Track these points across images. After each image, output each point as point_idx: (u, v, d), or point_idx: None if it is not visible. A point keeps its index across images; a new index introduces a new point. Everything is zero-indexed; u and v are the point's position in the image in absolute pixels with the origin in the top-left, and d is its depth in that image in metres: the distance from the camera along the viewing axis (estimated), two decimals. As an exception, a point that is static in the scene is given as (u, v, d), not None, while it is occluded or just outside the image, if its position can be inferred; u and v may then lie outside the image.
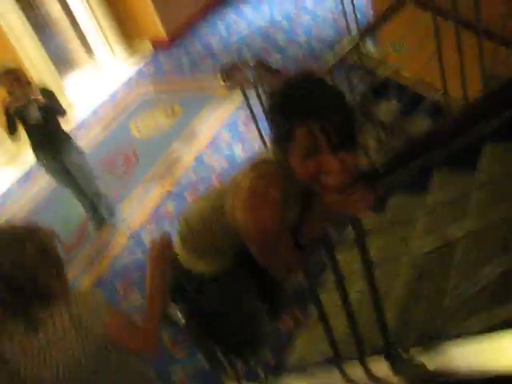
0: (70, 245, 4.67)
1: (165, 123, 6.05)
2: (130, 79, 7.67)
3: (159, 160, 5.37)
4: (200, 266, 1.97)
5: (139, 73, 7.80)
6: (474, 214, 2.27)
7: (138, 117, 6.44)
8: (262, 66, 3.60)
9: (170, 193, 4.84)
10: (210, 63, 7.11)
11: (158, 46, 8.22)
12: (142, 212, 4.72)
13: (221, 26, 8.15)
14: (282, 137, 1.39)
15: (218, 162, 4.98)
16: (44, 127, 3.99)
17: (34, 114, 3.89)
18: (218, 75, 3.52)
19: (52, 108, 3.98)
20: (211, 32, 8.09)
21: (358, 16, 5.40)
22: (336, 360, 1.85)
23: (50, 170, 4.26)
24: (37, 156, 4.20)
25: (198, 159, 5.16)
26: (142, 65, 7.99)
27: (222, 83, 3.45)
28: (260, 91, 3.38)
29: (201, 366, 3.13)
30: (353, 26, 5.41)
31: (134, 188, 5.10)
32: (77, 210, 4.73)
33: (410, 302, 2.22)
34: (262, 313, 2.27)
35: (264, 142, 3.71)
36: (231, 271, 2.01)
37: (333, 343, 1.76)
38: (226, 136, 5.35)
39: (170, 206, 4.65)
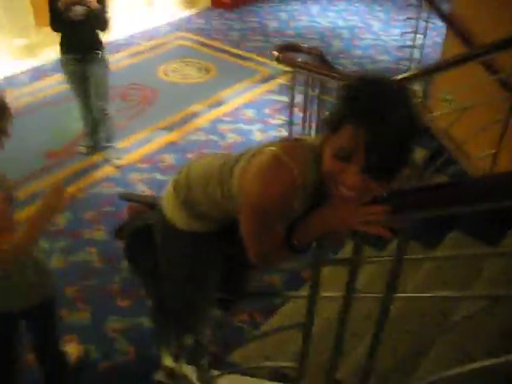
0: (55, 152, 4.44)
1: (194, 77, 5.82)
2: (177, 22, 7.43)
3: (176, 109, 5.14)
4: (182, 221, 1.79)
5: (188, 19, 7.57)
6: (483, 285, 2.10)
7: (171, 60, 6.19)
8: (321, 57, 3.43)
9: (173, 144, 4.61)
10: (259, 41, 6.90)
11: (216, 4, 8.00)
12: (139, 151, 4.49)
13: (282, 12, 7.96)
14: (331, 122, 1.21)
15: (232, 134, 4.77)
16: (83, 27, 3.76)
17: (79, 10, 3.66)
18: (275, 48, 3.35)
19: (98, 14, 3.76)
20: (271, 13, 7.89)
21: (423, 53, 5.27)
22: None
23: (70, 70, 4.01)
24: (62, 52, 3.95)
25: (214, 123, 4.95)
26: (193, 13, 7.75)
27: (276, 54, 3.26)
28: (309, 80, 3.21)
29: (139, 322, 2.94)
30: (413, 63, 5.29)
31: (140, 125, 4.86)
32: (76, 123, 4.49)
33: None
34: (213, 292, 2.04)
35: (290, 130, 3.53)
36: (209, 235, 1.83)
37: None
38: (249, 112, 5.14)
39: (169, 157, 4.42)
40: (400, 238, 1.25)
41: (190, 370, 2.28)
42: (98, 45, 3.95)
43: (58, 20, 3.75)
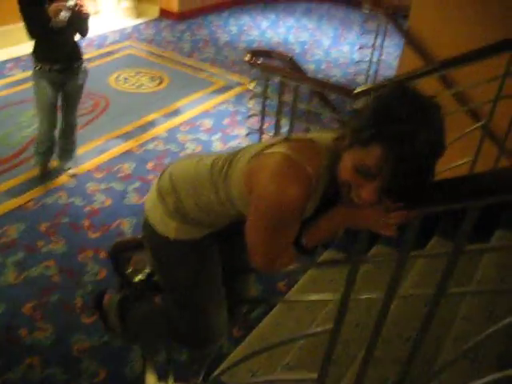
0: (4, 159, 4.12)
1: (147, 87, 5.62)
2: (124, 30, 7.22)
3: (130, 118, 4.93)
4: (176, 231, 1.69)
5: (136, 29, 7.37)
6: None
7: (121, 69, 5.97)
8: (293, 63, 3.38)
9: (130, 153, 4.40)
10: (211, 52, 6.81)
11: (165, 16, 7.87)
12: (95, 160, 4.24)
13: (233, 25, 7.95)
14: (360, 135, 1.15)
15: (191, 143, 4.62)
16: (65, 35, 3.37)
17: (63, 17, 3.17)
18: (248, 52, 3.26)
19: (85, 19, 3.37)
20: (222, 26, 7.85)
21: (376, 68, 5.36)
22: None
23: (46, 83, 3.47)
24: (38, 62, 3.44)
25: (171, 132, 4.78)
26: (141, 23, 7.57)
27: (248, 58, 3.17)
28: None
29: (107, 340, 2.72)
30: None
31: (94, 134, 4.61)
32: (24, 130, 4.19)
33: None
34: (223, 297, 1.91)
35: (260, 135, 3.43)
36: (206, 239, 1.74)
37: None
38: (207, 123, 5.01)
39: (127, 166, 4.20)
40: (458, 236, 1.17)
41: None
42: (80, 54, 3.57)
43: (42, 28, 3.24)
